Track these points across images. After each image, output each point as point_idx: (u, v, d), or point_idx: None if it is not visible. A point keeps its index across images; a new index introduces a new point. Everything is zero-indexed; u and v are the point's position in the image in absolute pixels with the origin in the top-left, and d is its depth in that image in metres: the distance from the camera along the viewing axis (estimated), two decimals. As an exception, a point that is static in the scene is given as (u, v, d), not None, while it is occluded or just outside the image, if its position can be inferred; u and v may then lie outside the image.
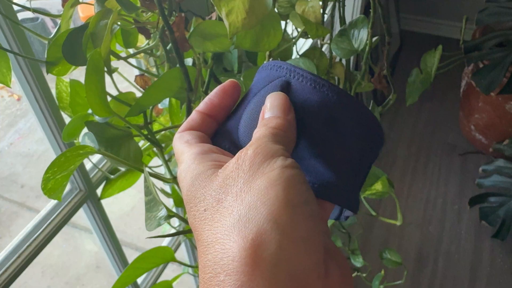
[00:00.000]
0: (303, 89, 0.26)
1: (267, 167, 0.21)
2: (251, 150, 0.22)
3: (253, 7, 0.36)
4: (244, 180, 0.21)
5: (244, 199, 0.20)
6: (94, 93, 0.36)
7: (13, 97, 2.46)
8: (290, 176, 0.21)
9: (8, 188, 2.01)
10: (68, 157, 0.37)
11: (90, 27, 0.40)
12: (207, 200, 0.22)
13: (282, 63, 0.27)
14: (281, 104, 0.25)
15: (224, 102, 0.27)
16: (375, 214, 0.67)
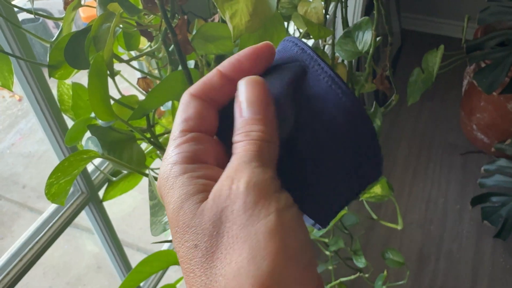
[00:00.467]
0: (317, 83, 0.23)
1: (263, 209, 0.20)
2: (242, 185, 0.20)
3: (256, 10, 0.36)
4: (239, 224, 0.20)
5: (243, 250, 0.19)
6: (97, 97, 0.36)
7: (14, 97, 2.46)
8: (288, 222, 0.20)
9: (9, 188, 2.01)
10: (72, 162, 0.37)
11: (92, 30, 0.39)
12: (197, 235, 0.20)
13: (304, 45, 0.24)
14: (261, 100, 0.22)
15: (254, 67, 0.24)
16: (376, 218, 0.67)
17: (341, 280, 1.02)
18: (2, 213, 1.92)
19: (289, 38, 0.26)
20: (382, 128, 0.73)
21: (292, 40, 0.25)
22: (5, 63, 0.40)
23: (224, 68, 0.24)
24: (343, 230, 0.94)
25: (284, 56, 0.25)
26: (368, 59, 0.62)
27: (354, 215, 0.96)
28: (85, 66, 0.42)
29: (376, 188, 0.51)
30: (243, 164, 0.21)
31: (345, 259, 1.04)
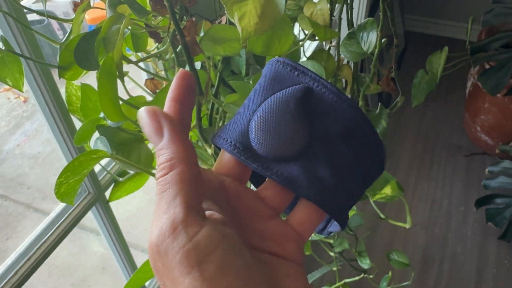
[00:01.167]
0: (324, 100, 0.26)
1: (183, 266, 0.19)
2: (154, 238, 0.20)
3: (265, 12, 0.36)
4: (169, 280, 0.19)
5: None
6: (106, 98, 0.36)
7: (19, 98, 2.47)
8: (213, 275, 0.19)
9: (14, 189, 2.02)
10: (82, 162, 0.38)
11: (102, 32, 0.40)
12: (162, 276, 0.20)
13: (305, 68, 0.27)
14: (152, 126, 0.22)
15: (188, 84, 0.24)
16: (383, 217, 0.67)
17: (345, 281, 1.02)
18: (7, 213, 1.93)
19: (279, 59, 0.27)
20: (387, 130, 0.73)
21: (289, 64, 0.27)
22: (16, 64, 0.41)
23: (172, 96, 0.24)
24: (348, 231, 0.95)
25: (283, 80, 0.27)
26: (373, 60, 0.63)
27: (358, 216, 0.96)
28: (95, 67, 0.42)
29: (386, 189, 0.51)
30: (157, 207, 0.20)
31: (350, 260, 1.04)
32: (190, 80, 0.25)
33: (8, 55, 0.40)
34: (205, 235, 0.19)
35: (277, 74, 0.27)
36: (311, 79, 0.26)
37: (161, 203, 0.20)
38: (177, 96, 0.24)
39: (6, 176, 2.08)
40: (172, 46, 0.46)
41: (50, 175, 2.06)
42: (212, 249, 0.19)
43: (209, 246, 0.19)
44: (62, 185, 0.39)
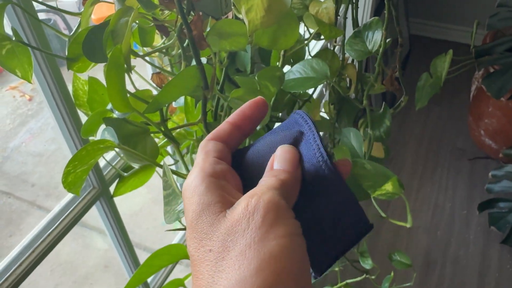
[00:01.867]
0: (308, 148, 0.27)
1: (278, 230, 0.22)
2: (262, 203, 0.23)
3: (271, 6, 0.36)
4: (254, 237, 0.22)
5: (253, 260, 0.21)
6: (114, 89, 0.37)
7: (24, 97, 2.49)
8: (298, 248, 0.23)
9: (18, 186, 2.03)
10: (89, 151, 0.38)
11: (110, 24, 0.40)
12: (213, 241, 0.23)
13: (308, 119, 0.29)
14: (292, 159, 0.26)
15: (254, 114, 0.29)
16: (385, 216, 0.67)
17: (347, 281, 1.02)
18: (11, 211, 1.94)
19: (297, 112, 0.30)
20: (390, 129, 0.74)
21: (299, 114, 0.30)
22: (25, 55, 0.42)
23: (232, 118, 0.29)
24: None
25: (290, 123, 0.30)
26: (378, 59, 0.63)
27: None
28: (102, 60, 0.43)
29: (387, 186, 0.51)
30: (266, 188, 0.24)
31: (352, 261, 1.04)
32: (260, 110, 0.29)
33: (18, 45, 0.41)
34: (297, 223, 0.24)
35: (290, 120, 0.30)
36: (307, 126, 0.28)
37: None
38: (236, 121, 0.29)
39: (11, 174, 2.09)
40: (179, 40, 0.46)
41: (54, 173, 2.07)
42: (300, 231, 0.24)
43: (299, 228, 0.24)
44: (69, 174, 0.39)
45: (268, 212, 0.22)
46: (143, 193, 1.93)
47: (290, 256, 0.22)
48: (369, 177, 0.55)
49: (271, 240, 0.22)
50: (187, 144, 0.59)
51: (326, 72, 0.62)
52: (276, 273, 0.21)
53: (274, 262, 0.21)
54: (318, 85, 0.61)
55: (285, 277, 0.21)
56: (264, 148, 0.28)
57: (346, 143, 0.69)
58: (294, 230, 0.23)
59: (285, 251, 0.22)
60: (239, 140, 0.29)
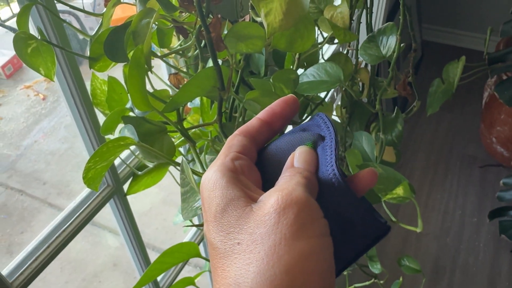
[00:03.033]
0: (324, 154, 0.27)
1: (310, 229, 0.22)
2: (294, 199, 0.23)
3: (290, 9, 0.37)
4: (286, 233, 0.22)
5: (283, 257, 0.21)
6: (135, 88, 0.38)
7: (38, 96, 2.53)
8: (328, 248, 0.23)
9: (31, 184, 2.06)
10: (110, 148, 0.39)
11: (132, 25, 0.42)
12: (242, 234, 0.23)
13: (330, 123, 0.29)
14: (312, 161, 0.27)
15: (284, 111, 0.29)
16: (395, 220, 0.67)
17: (355, 286, 1.02)
18: (23, 208, 1.97)
19: (320, 114, 0.31)
20: (402, 133, 0.74)
21: (322, 117, 0.30)
22: (49, 54, 0.43)
23: (262, 115, 0.29)
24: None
25: (311, 124, 0.30)
26: (391, 64, 0.64)
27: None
28: (123, 60, 0.44)
29: (398, 189, 0.52)
30: (295, 184, 0.24)
31: (360, 265, 1.05)
32: (291, 108, 0.29)
33: (42, 44, 0.42)
34: (326, 222, 0.24)
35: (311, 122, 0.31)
36: (328, 131, 0.29)
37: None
38: (266, 118, 0.29)
39: (24, 171, 2.12)
40: (197, 42, 0.47)
41: (66, 172, 2.09)
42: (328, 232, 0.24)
43: (328, 229, 0.24)
44: (90, 170, 0.40)
45: (302, 210, 0.22)
46: (153, 194, 1.95)
47: (319, 256, 0.22)
48: (381, 181, 0.56)
49: (303, 239, 0.22)
50: (201, 143, 0.60)
51: (340, 76, 0.62)
52: (306, 273, 0.21)
53: (305, 261, 0.21)
54: (331, 88, 0.62)
55: (313, 278, 0.21)
56: (283, 146, 0.29)
57: (358, 147, 0.69)
58: (324, 230, 0.23)
59: (315, 251, 0.22)
60: (267, 136, 0.29)
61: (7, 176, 2.11)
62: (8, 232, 1.88)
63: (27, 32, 0.41)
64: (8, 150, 2.24)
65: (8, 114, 2.44)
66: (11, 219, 1.94)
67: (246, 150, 0.27)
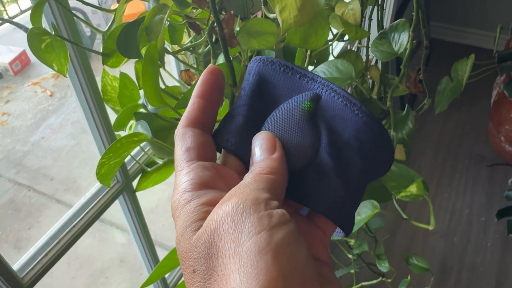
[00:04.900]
0: (333, 104, 0.25)
1: (253, 227, 0.20)
2: (231, 204, 0.21)
3: (304, 5, 0.37)
4: (231, 243, 0.20)
5: (236, 269, 0.19)
6: (149, 84, 0.38)
7: (46, 92, 2.54)
8: (281, 240, 0.20)
9: (38, 180, 2.07)
10: (124, 144, 0.39)
11: (145, 21, 0.41)
12: (195, 260, 0.21)
13: (313, 75, 0.26)
14: (266, 144, 0.24)
15: (214, 79, 0.26)
16: (406, 218, 0.67)
17: (363, 284, 1.02)
18: (30, 203, 1.98)
19: (289, 69, 0.27)
20: (413, 131, 0.74)
21: (297, 71, 0.27)
22: (62, 50, 0.43)
23: (198, 91, 0.26)
24: (368, 233, 0.95)
25: (294, 88, 0.27)
26: (404, 61, 0.63)
27: (379, 218, 0.96)
28: (136, 56, 0.44)
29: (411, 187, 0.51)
30: (239, 188, 0.22)
31: (368, 264, 1.04)
32: (219, 76, 0.26)
33: (56, 39, 0.42)
34: (279, 211, 0.21)
35: (285, 82, 0.27)
36: (320, 85, 0.26)
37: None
38: (203, 93, 0.26)
39: (31, 167, 2.14)
40: (209, 38, 0.47)
41: (73, 168, 2.10)
42: (284, 221, 0.21)
43: (282, 218, 0.21)
44: (103, 166, 0.40)
45: (236, 212, 0.20)
46: (160, 190, 1.96)
47: (272, 252, 0.19)
48: (393, 178, 0.55)
49: (247, 241, 0.19)
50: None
51: (351, 73, 0.62)
52: (262, 276, 0.19)
53: (256, 265, 0.19)
54: (343, 85, 0.61)
55: (274, 276, 0.19)
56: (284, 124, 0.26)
57: (368, 145, 0.69)
58: (275, 221, 0.20)
59: (265, 249, 0.19)
60: (214, 116, 0.27)
61: (15, 172, 2.13)
62: (16, 228, 1.89)
63: (41, 27, 0.41)
64: (16, 146, 2.25)
65: (16, 110, 2.46)
66: (19, 214, 1.95)
67: (206, 149, 0.25)
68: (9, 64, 2.60)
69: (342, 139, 0.25)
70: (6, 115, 2.43)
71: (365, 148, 0.25)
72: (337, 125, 0.25)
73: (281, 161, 0.24)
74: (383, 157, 0.26)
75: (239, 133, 0.26)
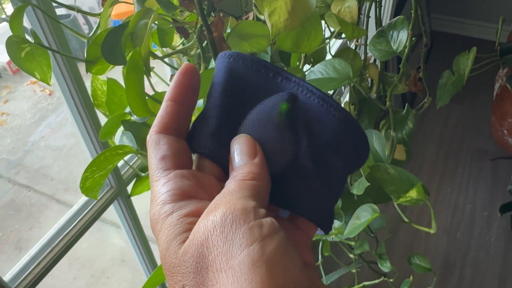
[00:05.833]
0: (310, 105, 0.25)
1: (244, 238, 0.19)
2: (219, 214, 0.20)
3: (295, 8, 0.35)
4: (222, 256, 0.19)
5: (227, 284, 0.18)
6: (133, 93, 0.36)
7: (45, 91, 2.53)
8: (274, 250, 0.19)
9: (38, 180, 2.07)
10: (108, 157, 0.37)
11: (130, 26, 0.40)
12: (184, 275, 0.20)
13: (288, 73, 0.25)
14: (246, 149, 0.24)
15: (188, 81, 0.25)
16: (407, 221, 0.65)
17: (365, 284, 1.01)
18: (31, 204, 1.98)
19: (264, 68, 0.25)
20: (413, 131, 0.72)
21: (271, 69, 0.25)
22: (44, 58, 0.41)
23: (170, 94, 0.25)
24: (369, 233, 0.93)
25: (270, 88, 0.25)
26: (403, 60, 0.61)
27: (380, 218, 0.94)
28: (121, 62, 0.42)
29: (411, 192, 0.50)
30: (224, 197, 0.21)
31: (369, 263, 1.03)
32: (193, 77, 0.25)
33: (37, 48, 0.40)
34: (268, 220, 0.21)
35: (260, 81, 0.26)
36: (295, 84, 0.25)
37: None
38: (175, 96, 0.25)
39: (31, 167, 2.13)
40: (199, 42, 0.45)
41: (73, 167, 2.09)
42: (274, 231, 0.20)
43: (272, 228, 0.20)
44: (87, 180, 0.39)
45: (225, 224, 0.20)
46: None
47: (266, 264, 0.19)
48: (393, 182, 0.54)
49: (239, 254, 0.19)
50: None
51: (349, 73, 0.60)
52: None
53: (250, 278, 0.18)
54: (340, 86, 0.59)
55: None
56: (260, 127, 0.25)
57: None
58: (266, 231, 0.20)
59: (259, 261, 0.19)
60: (187, 119, 0.25)
61: (15, 172, 2.12)
62: (17, 228, 1.88)
63: (20, 35, 0.40)
64: (16, 146, 2.24)
65: (15, 110, 2.45)
66: (20, 215, 1.94)
67: (180, 155, 0.24)
68: (7, 63, 2.59)
69: (320, 141, 0.24)
70: (5, 114, 2.42)
71: (343, 148, 0.25)
72: (314, 127, 0.24)
73: (263, 166, 0.23)
74: (360, 154, 0.26)
75: (214, 137, 0.25)
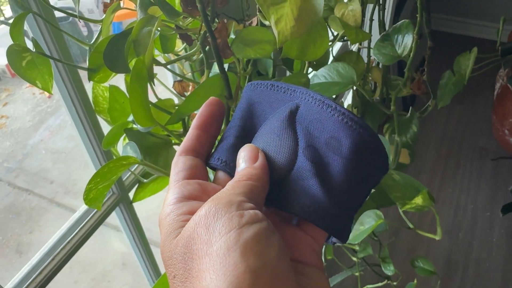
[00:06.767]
0: (311, 109, 0.26)
1: (223, 227, 0.21)
2: (203, 209, 0.22)
3: (302, 15, 0.34)
4: (203, 245, 0.20)
5: (207, 269, 0.20)
6: (137, 102, 0.36)
7: (44, 94, 2.52)
8: (248, 238, 0.20)
9: (38, 183, 2.06)
10: (111, 168, 0.37)
11: (133, 34, 0.39)
12: (175, 265, 0.22)
13: (295, 87, 0.27)
14: (249, 155, 0.26)
15: (213, 113, 0.28)
16: (412, 227, 0.65)
17: (368, 287, 1.00)
18: (31, 207, 1.97)
19: (274, 87, 0.28)
20: (417, 135, 0.71)
21: (281, 87, 0.28)
22: (46, 66, 0.40)
23: (195, 124, 0.28)
24: (372, 237, 0.92)
25: (279, 101, 0.28)
26: (408, 64, 0.60)
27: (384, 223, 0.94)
28: (124, 70, 0.41)
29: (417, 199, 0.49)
30: (216, 195, 0.23)
31: (372, 266, 1.02)
32: (216, 108, 0.29)
33: (38, 56, 0.39)
34: (251, 212, 0.22)
35: (271, 98, 0.28)
36: (300, 93, 0.27)
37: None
38: (199, 124, 0.28)
39: (30, 171, 2.12)
40: (202, 49, 0.45)
41: (73, 170, 2.08)
42: (255, 220, 0.21)
43: (253, 217, 0.21)
44: (91, 191, 0.38)
45: (208, 215, 0.21)
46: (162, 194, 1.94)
47: (241, 249, 0.20)
48: (397, 188, 0.53)
49: (218, 240, 0.20)
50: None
51: (353, 77, 0.59)
52: (232, 274, 0.19)
53: (224, 263, 0.19)
54: (344, 90, 0.59)
55: (243, 273, 0.19)
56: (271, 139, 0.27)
57: (371, 150, 0.66)
58: (245, 220, 0.21)
59: (233, 247, 0.20)
60: (209, 144, 0.29)
61: (15, 175, 2.11)
62: (17, 232, 1.87)
63: (20, 44, 0.39)
64: (15, 149, 2.23)
65: (14, 113, 2.44)
66: (20, 219, 1.94)
67: (195, 171, 0.27)
68: (6, 66, 2.58)
69: (320, 141, 0.25)
70: (5, 117, 2.41)
71: (344, 147, 0.25)
72: (315, 128, 0.25)
73: (262, 169, 0.25)
74: (372, 156, 0.25)
75: (228, 151, 0.28)
